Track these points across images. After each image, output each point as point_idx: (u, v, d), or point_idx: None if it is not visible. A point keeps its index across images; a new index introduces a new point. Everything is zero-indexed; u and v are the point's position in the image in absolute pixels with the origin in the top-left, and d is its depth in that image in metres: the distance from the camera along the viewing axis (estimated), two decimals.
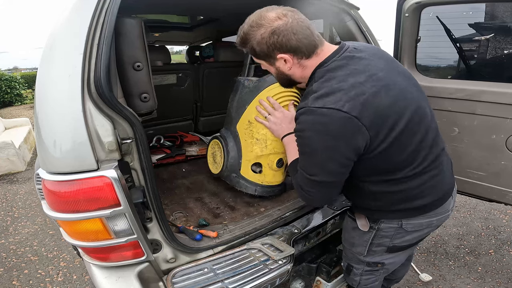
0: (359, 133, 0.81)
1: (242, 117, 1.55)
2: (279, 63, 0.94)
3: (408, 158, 0.92)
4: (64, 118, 0.84)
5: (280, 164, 1.55)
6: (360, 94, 0.81)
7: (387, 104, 0.84)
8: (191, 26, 2.58)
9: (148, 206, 1.06)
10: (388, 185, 0.98)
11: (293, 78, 0.99)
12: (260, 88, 1.46)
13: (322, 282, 1.48)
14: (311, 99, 0.85)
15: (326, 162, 0.86)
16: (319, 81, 0.88)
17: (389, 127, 0.85)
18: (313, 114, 0.83)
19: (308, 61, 0.92)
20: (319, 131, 0.83)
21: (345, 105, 0.79)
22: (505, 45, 1.62)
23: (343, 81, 0.84)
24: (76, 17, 0.89)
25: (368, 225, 1.11)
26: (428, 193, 1.00)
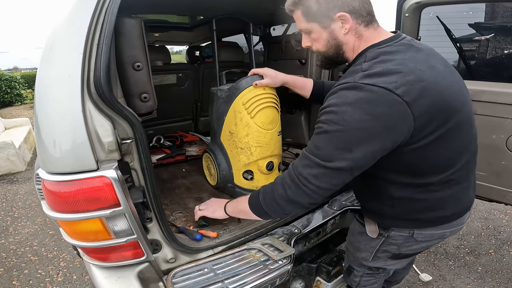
0: (404, 121, 0.73)
1: (223, 129, 1.56)
2: (335, 25, 0.84)
3: (448, 162, 0.86)
4: (64, 118, 0.84)
5: (270, 167, 1.55)
6: (419, 80, 0.74)
7: (445, 97, 0.78)
8: (191, 26, 2.58)
9: (148, 206, 1.06)
10: (415, 192, 0.90)
11: (344, 49, 0.89)
12: (233, 96, 1.45)
13: (322, 282, 1.48)
14: (359, 76, 0.76)
15: (355, 145, 0.75)
16: (371, 61, 0.79)
17: (439, 121, 0.78)
18: (359, 89, 0.74)
19: (365, 30, 0.85)
20: (360, 108, 0.73)
21: (399, 88, 0.72)
22: (505, 45, 1.62)
23: (402, 64, 0.76)
24: (76, 17, 0.88)
25: (377, 232, 1.05)
26: (451, 205, 0.94)
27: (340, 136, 0.76)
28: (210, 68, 2.54)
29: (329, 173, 0.79)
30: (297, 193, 0.85)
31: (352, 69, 0.84)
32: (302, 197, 0.85)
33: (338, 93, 0.78)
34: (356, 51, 0.89)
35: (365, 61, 0.81)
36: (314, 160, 0.80)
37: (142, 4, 1.58)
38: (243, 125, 1.46)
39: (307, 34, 0.92)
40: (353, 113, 0.73)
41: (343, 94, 0.77)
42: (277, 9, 1.95)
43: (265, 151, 1.52)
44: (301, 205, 0.88)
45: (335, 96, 0.78)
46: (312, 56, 2.06)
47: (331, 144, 0.77)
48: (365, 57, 0.83)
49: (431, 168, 0.85)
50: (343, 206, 1.53)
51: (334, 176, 0.80)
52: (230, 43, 2.67)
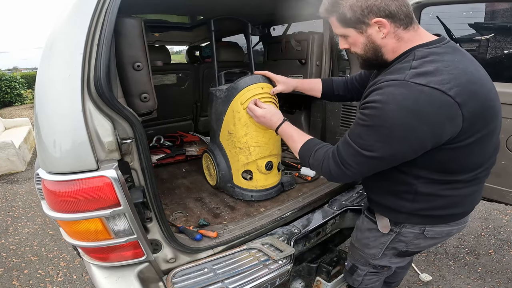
0: (452, 122, 0.74)
1: (222, 129, 1.57)
2: (371, 30, 0.84)
3: (479, 162, 0.89)
4: (64, 118, 0.84)
5: (269, 166, 1.56)
6: (470, 83, 0.75)
7: (489, 101, 0.80)
8: (191, 26, 2.58)
9: (148, 206, 1.06)
10: (441, 188, 0.91)
11: (382, 51, 0.88)
12: (231, 96, 1.46)
13: (322, 282, 1.48)
14: (410, 74, 0.76)
15: (397, 142, 0.77)
16: (421, 60, 0.79)
17: (481, 125, 0.80)
18: (408, 88, 0.74)
19: (405, 33, 0.84)
20: (407, 108, 0.73)
21: (452, 89, 0.72)
22: (505, 45, 1.62)
23: (453, 66, 0.76)
24: (76, 17, 0.88)
25: (389, 228, 1.06)
26: (467, 203, 0.98)
27: (383, 132, 0.78)
28: (210, 68, 2.53)
29: (369, 161, 0.84)
30: (340, 174, 0.91)
31: (398, 66, 0.83)
32: (344, 177, 0.92)
33: (384, 89, 0.78)
34: (397, 52, 0.87)
35: (414, 59, 0.80)
36: (356, 148, 0.84)
37: (142, 4, 1.58)
38: (242, 125, 1.46)
39: (344, 37, 0.93)
40: (399, 112, 0.74)
41: (390, 91, 0.76)
42: (276, 9, 1.95)
43: (264, 150, 1.52)
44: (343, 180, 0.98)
45: (381, 93, 0.78)
46: (312, 56, 2.06)
47: (373, 137, 0.80)
48: (414, 56, 0.81)
49: (463, 167, 0.88)
50: (343, 206, 1.53)
51: (374, 163, 0.85)
52: (229, 43, 2.67)
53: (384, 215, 1.07)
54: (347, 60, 2.09)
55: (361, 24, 0.84)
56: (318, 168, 0.99)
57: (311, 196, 1.61)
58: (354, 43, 0.91)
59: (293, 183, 1.76)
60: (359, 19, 0.83)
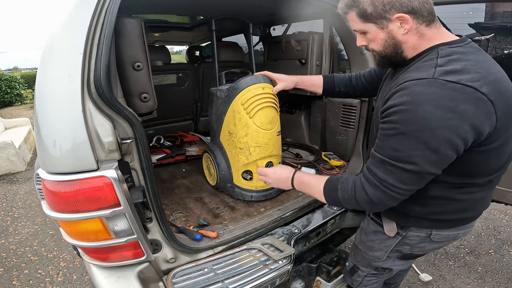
0: (489, 119, 0.72)
1: (222, 129, 1.57)
2: (393, 26, 0.81)
3: (498, 166, 0.86)
4: (64, 118, 0.84)
5: (269, 167, 1.55)
6: (496, 83, 0.73)
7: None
8: (191, 26, 2.58)
9: (148, 206, 1.06)
10: (456, 192, 0.89)
11: (403, 48, 0.85)
12: (232, 96, 1.46)
13: (322, 282, 1.48)
14: (438, 72, 0.72)
15: (439, 144, 0.71)
16: (446, 58, 0.76)
17: (507, 126, 0.77)
18: (440, 86, 0.70)
19: (427, 30, 0.81)
20: (443, 106, 0.69)
21: (483, 86, 0.70)
22: (505, 45, 1.62)
23: (479, 65, 0.74)
24: (76, 17, 0.88)
25: (395, 231, 1.03)
26: (477, 208, 0.96)
27: (422, 137, 0.71)
28: (210, 68, 2.54)
29: (414, 176, 0.76)
30: (383, 198, 0.82)
31: (420, 65, 0.80)
32: (389, 200, 0.82)
33: (411, 89, 0.74)
34: (417, 49, 0.85)
35: (439, 57, 0.77)
36: (394, 164, 0.76)
37: (142, 4, 1.58)
38: (242, 125, 1.46)
39: (363, 34, 0.90)
40: (435, 111, 0.69)
41: (419, 91, 0.72)
42: (277, 9, 1.95)
43: (264, 151, 1.52)
44: (388, 205, 0.85)
45: (408, 93, 0.74)
46: (312, 56, 2.07)
47: (411, 145, 0.73)
48: (437, 54, 0.79)
49: (483, 170, 0.85)
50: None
51: (420, 178, 0.77)
52: (230, 43, 2.67)
53: (392, 218, 1.04)
54: (347, 60, 2.09)
55: (382, 19, 0.82)
56: (352, 200, 0.88)
57: (311, 196, 1.61)
58: (373, 39, 0.88)
59: None
60: (380, 14, 0.81)
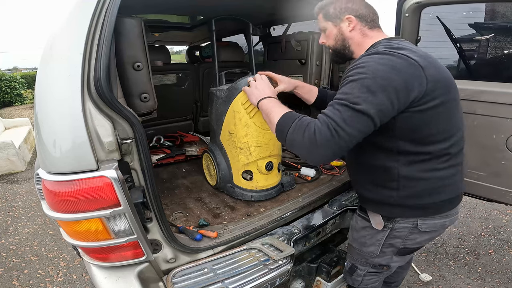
0: (419, 81, 0.88)
1: (222, 129, 1.57)
2: (343, 24, 1.09)
3: (446, 131, 0.97)
4: (64, 118, 0.84)
5: (269, 167, 1.55)
6: (426, 57, 0.93)
7: (445, 74, 0.96)
8: (191, 26, 2.58)
9: (148, 206, 1.06)
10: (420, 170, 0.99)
11: (349, 43, 1.11)
12: (232, 96, 1.46)
13: (322, 282, 1.48)
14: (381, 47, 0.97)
15: (379, 90, 0.85)
16: (387, 43, 1.00)
17: (443, 90, 0.93)
18: (383, 54, 0.91)
19: (370, 31, 1.08)
20: (383, 63, 0.88)
21: (415, 58, 0.89)
22: (505, 45, 1.62)
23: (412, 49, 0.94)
24: (76, 17, 0.88)
25: (382, 224, 1.10)
26: (449, 189, 1.03)
27: (365, 82, 0.86)
28: (210, 68, 2.54)
29: (356, 116, 0.85)
30: (325, 137, 0.86)
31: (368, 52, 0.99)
32: (329, 142, 0.86)
33: (361, 59, 0.93)
34: (362, 46, 1.08)
35: (381, 44, 1.01)
36: (342, 103, 0.88)
37: (142, 4, 1.59)
38: (242, 125, 1.46)
39: (324, 32, 1.16)
40: (378, 65, 0.88)
41: (367, 58, 0.91)
42: (277, 9, 1.95)
43: (264, 151, 1.52)
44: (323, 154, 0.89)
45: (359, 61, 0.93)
46: (312, 56, 2.06)
47: (357, 88, 0.87)
48: (380, 43, 1.02)
49: (433, 134, 0.95)
50: (343, 206, 1.53)
51: (360, 120, 0.86)
52: (230, 43, 2.67)
53: (376, 211, 1.12)
54: None
55: (336, 19, 1.10)
56: (299, 132, 0.91)
57: (311, 196, 1.61)
58: (329, 35, 1.14)
59: (293, 183, 1.76)
60: (337, 15, 1.09)
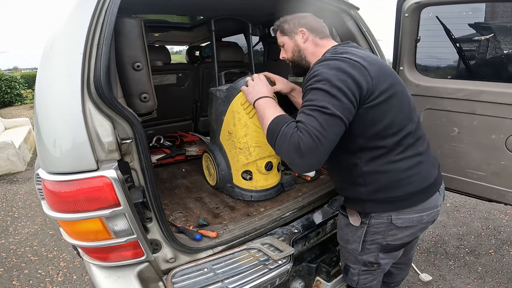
0: (364, 78, 0.96)
1: (222, 129, 1.57)
2: (298, 37, 1.22)
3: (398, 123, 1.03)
4: (64, 118, 0.84)
5: (269, 167, 1.56)
6: (366, 58, 1.02)
7: (386, 71, 1.04)
8: (191, 26, 2.58)
9: (148, 206, 1.06)
10: (380, 164, 1.05)
11: (305, 54, 1.22)
12: (231, 96, 1.46)
13: (322, 282, 1.48)
14: (326, 55, 1.08)
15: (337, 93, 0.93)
16: (333, 50, 1.12)
17: (387, 85, 1.00)
18: (329, 60, 1.01)
19: (320, 41, 1.21)
20: (333, 68, 0.97)
21: (356, 59, 0.99)
22: (505, 45, 1.62)
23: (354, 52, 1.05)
24: (76, 17, 0.89)
25: (359, 220, 1.15)
26: (415, 180, 1.07)
27: (324, 87, 0.94)
28: (210, 68, 2.54)
29: (330, 119, 0.92)
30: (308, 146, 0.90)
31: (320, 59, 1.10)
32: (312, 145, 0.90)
33: (313, 68, 1.03)
34: (317, 55, 1.18)
35: (329, 52, 1.14)
36: (313, 108, 0.94)
37: (142, 4, 1.59)
38: (242, 125, 1.46)
39: (282, 46, 1.28)
40: (328, 70, 0.97)
41: (318, 66, 1.01)
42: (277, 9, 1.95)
43: (263, 151, 1.52)
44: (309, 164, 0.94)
45: (312, 70, 1.02)
46: None
47: (319, 95, 0.95)
48: (328, 52, 1.14)
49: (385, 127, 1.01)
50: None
51: (334, 123, 0.92)
52: (229, 43, 2.67)
53: (352, 208, 1.18)
54: None
55: (291, 33, 1.23)
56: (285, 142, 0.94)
57: (310, 196, 1.61)
58: (287, 49, 1.27)
59: (292, 183, 1.76)
60: (291, 29, 1.22)
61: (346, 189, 1.18)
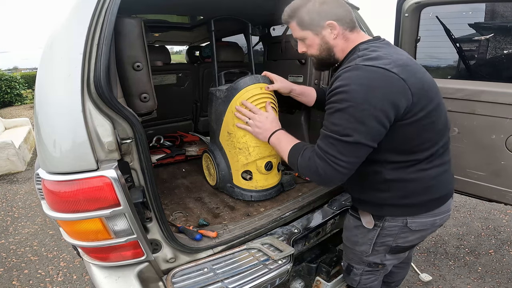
0: (403, 95, 0.85)
1: (221, 129, 1.57)
2: (325, 31, 1.00)
3: (433, 138, 0.96)
4: (64, 118, 0.84)
5: (268, 167, 1.55)
6: (406, 65, 0.88)
7: (427, 81, 0.93)
8: (191, 26, 2.58)
9: (148, 206, 1.06)
10: (407, 172, 0.98)
11: (334, 51, 1.04)
12: (231, 96, 1.46)
13: (322, 282, 1.49)
14: (358, 60, 0.90)
15: (366, 117, 0.84)
16: (364, 51, 0.94)
17: (428, 99, 0.90)
18: (361, 70, 0.86)
19: (351, 34, 1.01)
20: (364, 85, 0.84)
21: (394, 68, 0.85)
22: (505, 45, 1.62)
23: (390, 54, 0.90)
24: (76, 17, 0.89)
25: (373, 222, 1.11)
26: (437, 188, 1.03)
27: (352, 111, 0.84)
28: (210, 68, 2.53)
29: (351, 147, 0.87)
30: (329, 172, 0.91)
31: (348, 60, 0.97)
32: (334, 175, 0.91)
33: (342, 75, 0.89)
34: (346, 51, 1.03)
35: (360, 51, 0.96)
36: (334, 137, 0.88)
37: (142, 4, 1.59)
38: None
39: (302, 41, 1.07)
40: (359, 90, 0.84)
41: (347, 76, 0.87)
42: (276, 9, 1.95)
43: (263, 151, 1.52)
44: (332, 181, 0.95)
45: (340, 79, 0.89)
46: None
47: (346, 120, 0.86)
48: (358, 50, 0.97)
49: (420, 144, 0.95)
50: (343, 206, 1.53)
51: (356, 149, 0.88)
52: (229, 43, 2.67)
53: (367, 210, 1.13)
54: None
55: (316, 26, 1.00)
56: (306, 169, 0.98)
57: (311, 196, 1.61)
58: (311, 45, 1.05)
59: (293, 183, 1.76)
60: (315, 22, 0.99)
61: (363, 193, 1.11)
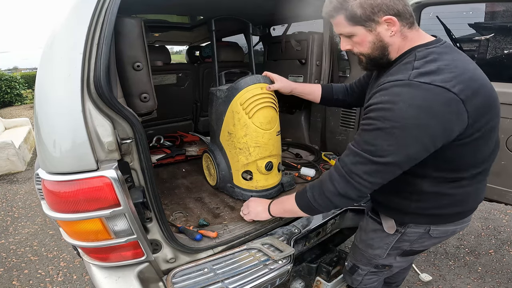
0: (459, 119, 0.76)
1: (222, 129, 1.57)
2: (381, 28, 0.85)
3: (483, 158, 0.90)
4: (64, 118, 0.84)
5: (269, 167, 1.55)
6: (472, 80, 0.77)
7: (492, 97, 0.83)
8: (191, 26, 2.58)
9: (148, 206, 1.06)
10: (447, 187, 0.92)
11: (389, 50, 0.89)
12: (231, 96, 1.46)
13: (322, 282, 1.48)
14: (413, 74, 0.77)
15: (410, 143, 0.76)
16: (422, 60, 0.81)
17: (486, 119, 0.81)
18: (415, 87, 0.74)
19: (410, 32, 0.86)
20: (415, 106, 0.73)
21: (455, 86, 0.74)
22: (505, 45, 1.62)
23: (453, 65, 0.78)
24: (76, 16, 0.88)
25: (395, 228, 1.06)
26: (470, 201, 0.99)
27: (395, 133, 0.76)
28: (210, 68, 2.54)
29: (382, 168, 0.80)
30: (348, 189, 0.87)
31: (400, 67, 0.84)
32: (353, 191, 0.86)
33: (390, 89, 0.78)
34: (400, 51, 0.89)
35: (416, 60, 0.81)
36: (365, 156, 0.81)
37: (142, 4, 1.58)
38: (241, 126, 1.46)
39: (348, 37, 0.92)
40: (410, 111, 0.73)
41: (397, 92, 0.77)
42: (277, 9, 1.95)
43: (263, 151, 1.52)
44: (352, 199, 0.89)
45: (387, 93, 0.78)
46: (312, 56, 2.06)
47: (385, 141, 0.77)
48: (415, 56, 0.83)
49: (468, 163, 0.88)
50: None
51: (386, 171, 0.81)
52: (230, 43, 2.67)
53: (390, 216, 1.07)
54: (347, 60, 2.09)
55: (370, 22, 0.84)
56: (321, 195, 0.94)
57: None
58: (361, 42, 0.90)
59: (293, 183, 1.76)
60: (368, 17, 0.83)
61: (390, 199, 1.04)
